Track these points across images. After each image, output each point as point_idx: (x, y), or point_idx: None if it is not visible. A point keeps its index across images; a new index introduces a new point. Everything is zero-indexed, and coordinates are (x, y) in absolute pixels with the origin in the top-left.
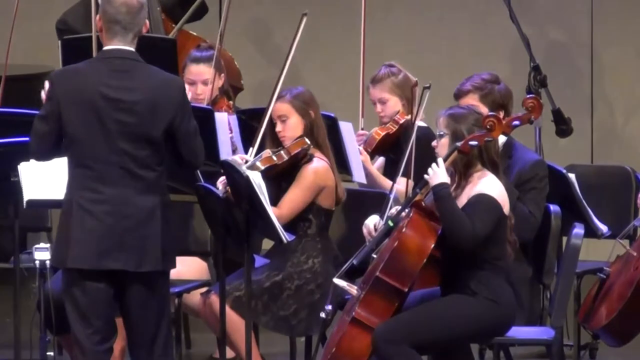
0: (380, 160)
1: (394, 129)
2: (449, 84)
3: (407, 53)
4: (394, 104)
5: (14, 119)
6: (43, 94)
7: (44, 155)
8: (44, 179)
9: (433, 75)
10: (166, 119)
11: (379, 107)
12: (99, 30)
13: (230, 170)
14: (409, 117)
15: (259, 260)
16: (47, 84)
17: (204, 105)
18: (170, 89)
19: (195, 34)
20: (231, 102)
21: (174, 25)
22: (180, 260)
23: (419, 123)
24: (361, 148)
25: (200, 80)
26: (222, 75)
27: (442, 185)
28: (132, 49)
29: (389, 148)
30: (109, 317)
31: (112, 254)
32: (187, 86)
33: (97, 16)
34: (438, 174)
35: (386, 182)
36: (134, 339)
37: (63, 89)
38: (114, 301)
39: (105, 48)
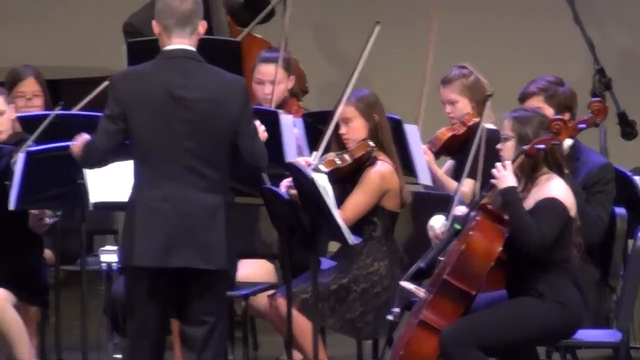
0: (449, 162)
1: (461, 131)
2: (513, 87)
3: (470, 56)
4: (464, 106)
5: (80, 122)
6: None
7: (112, 155)
8: (109, 182)
9: (497, 78)
10: (229, 118)
11: (448, 107)
12: (157, 34)
13: (296, 172)
14: (477, 119)
15: (326, 263)
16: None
17: (270, 107)
18: (234, 89)
19: (260, 36)
20: (301, 103)
21: (239, 28)
22: (247, 263)
23: (488, 126)
24: (425, 147)
25: (268, 80)
26: (292, 77)
27: (510, 189)
28: (193, 47)
29: (456, 150)
30: (165, 320)
31: (177, 251)
32: (255, 86)
33: (154, 20)
34: (506, 177)
35: (450, 183)
36: (189, 337)
37: (126, 91)
38: (171, 301)
39: (165, 48)
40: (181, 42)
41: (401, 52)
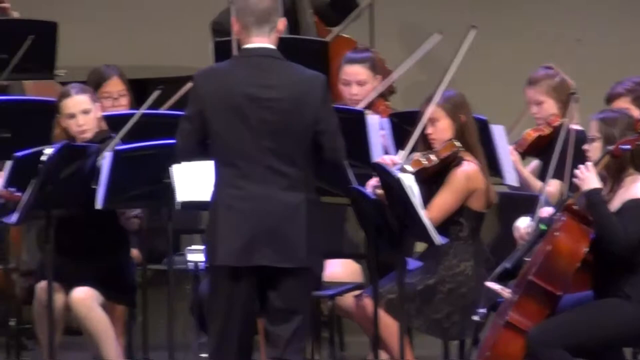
0: (534, 163)
1: (547, 132)
2: (600, 88)
3: (557, 56)
4: (549, 107)
5: (166, 121)
6: None
7: (188, 154)
8: (196, 181)
9: (584, 79)
10: (309, 115)
11: (534, 108)
12: (237, 32)
13: (382, 172)
14: (564, 120)
15: (412, 263)
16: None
17: (357, 107)
18: (313, 86)
19: (347, 35)
20: (388, 103)
21: (327, 28)
22: (333, 263)
23: (575, 127)
24: (511, 148)
25: (354, 81)
26: (378, 76)
27: (594, 190)
28: (272, 45)
29: (542, 150)
30: (249, 319)
31: (258, 250)
32: (342, 87)
33: (233, 18)
34: (590, 179)
35: (536, 184)
36: (273, 335)
37: (206, 88)
38: (255, 299)
39: (245, 46)
40: (260, 41)
41: (488, 52)
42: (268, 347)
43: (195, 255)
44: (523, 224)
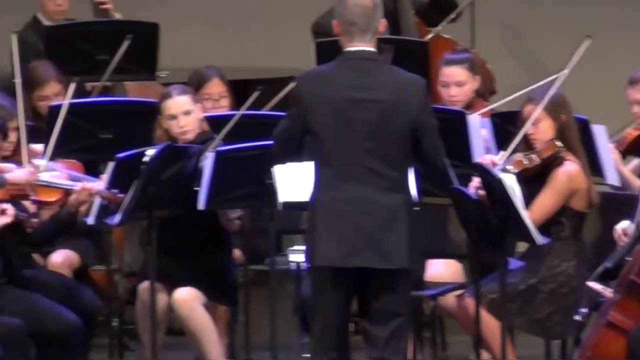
0: (636, 161)
1: None
2: None
3: None
4: None
5: (267, 122)
6: None
7: (284, 154)
8: (298, 182)
9: None
10: (408, 118)
11: (635, 107)
12: (338, 34)
13: (484, 173)
14: None
15: (514, 263)
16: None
17: (457, 108)
18: (413, 89)
19: (447, 36)
20: (488, 103)
21: (427, 29)
22: (435, 263)
23: None
24: (612, 146)
25: (453, 82)
26: (477, 77)
27: None
28: (372, 48)
29: None
30: (349, 319)
31: (359, 251)
32: (441, 88)
33: (334, 21)
34: None
35: (637, 183)
36: (372, 336)
37: (308, 90)
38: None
39: (346, 49)
40: (361, 45)
41: (589, 52)
42: (367, 346)
43: (297, 255)
44: (624, 225)
